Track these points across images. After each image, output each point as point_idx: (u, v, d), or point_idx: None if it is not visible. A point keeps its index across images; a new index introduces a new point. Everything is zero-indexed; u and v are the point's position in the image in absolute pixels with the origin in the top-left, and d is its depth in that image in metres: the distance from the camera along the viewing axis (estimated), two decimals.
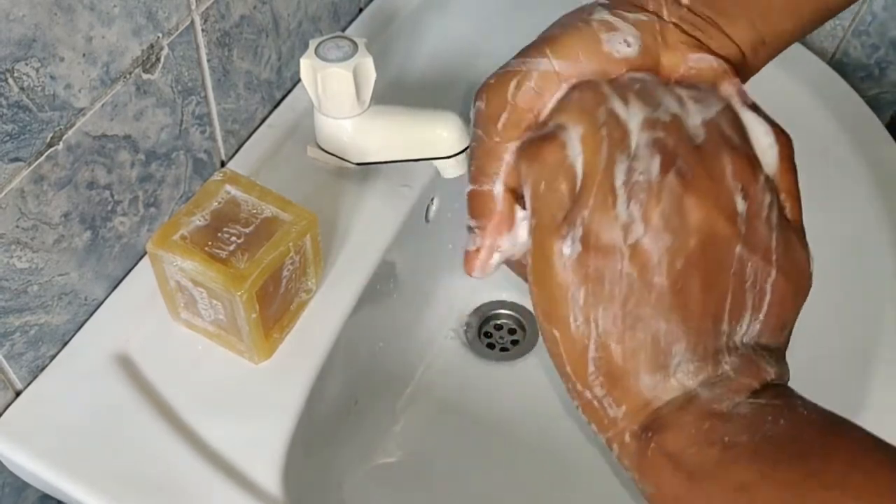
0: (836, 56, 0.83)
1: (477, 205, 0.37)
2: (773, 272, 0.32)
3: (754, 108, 0.34)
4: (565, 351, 0.33)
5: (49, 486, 0.52)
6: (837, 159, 0.73)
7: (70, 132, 0.49)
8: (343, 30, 0.74)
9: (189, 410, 0.53)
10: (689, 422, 0.31)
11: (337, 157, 0.62)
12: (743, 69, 0.37)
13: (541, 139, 0.34)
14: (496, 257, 0.37)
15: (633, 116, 0.33)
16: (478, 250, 0.37)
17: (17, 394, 0.54)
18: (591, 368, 0.32)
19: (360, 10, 0.76)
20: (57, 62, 0.46)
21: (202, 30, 0.56)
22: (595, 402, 0.33)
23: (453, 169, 0.61)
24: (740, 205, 0.32)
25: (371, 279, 0.60)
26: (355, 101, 0.58)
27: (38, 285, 0.51)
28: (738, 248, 0.31)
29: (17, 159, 0.46)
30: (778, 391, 0.32)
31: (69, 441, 0.52)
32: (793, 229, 0.33)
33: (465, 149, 0.60)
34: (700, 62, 0.35)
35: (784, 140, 0.34)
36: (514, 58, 0.37)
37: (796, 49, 0.81)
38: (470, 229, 0.38)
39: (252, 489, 0.50)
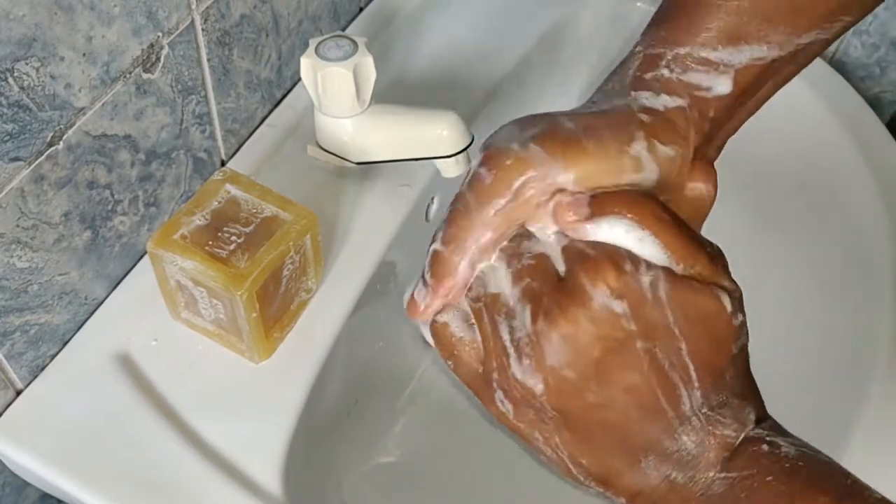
0: (836, 55, 0.83)
1: (438, 267, 0.37)
2: (683, 344, 0.33)
3: (598, 207, 0.34)
4: (553, 466, 0.36)
5: (49, 485, 0.52)
6: (837, 159, 0.73)
7: (70, 132, 0.49)
8: (343, 29, 0.74)
9: (189, 410, 0.53)
10: None
11: (337, 156, 0.62)
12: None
13: (432, 323, 0.37)
14: (441, 315, 0.39)
15: (504, 278, 0.35)
16: (426, 308, 0.38)
17: (18, 393, 0.54)
18: (581, 478, 0.36)
19: (361, 10, 0.76)
20: (57, 62, 0.46)
21: (202, 29, 0.56)
22: (600, 494, 0.36)
23: (453, 168, 0.61)
24: (617, 307, 0.32)
25: (371, 279, 0.60)
26: (355, 100, 0.58)
27: (38, 285, 0.51)
28: (638, 345, 0.32)
29: (17, 159, 0.46)
30: (748, 456, 0.33)
31: (69, 440, 0.52)
32: (692, 286, 0.33)
33: (466, 148, 0.60)
34: (692, 192, 0.38)
35: (646, 214, 0.34)
36: (536, 141, 0.35)
37: None
38: (423, 281, 0.38)
39: (252, 488, 0.50)
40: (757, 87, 0.38)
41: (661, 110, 0.37)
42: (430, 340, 0.39)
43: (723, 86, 0.37)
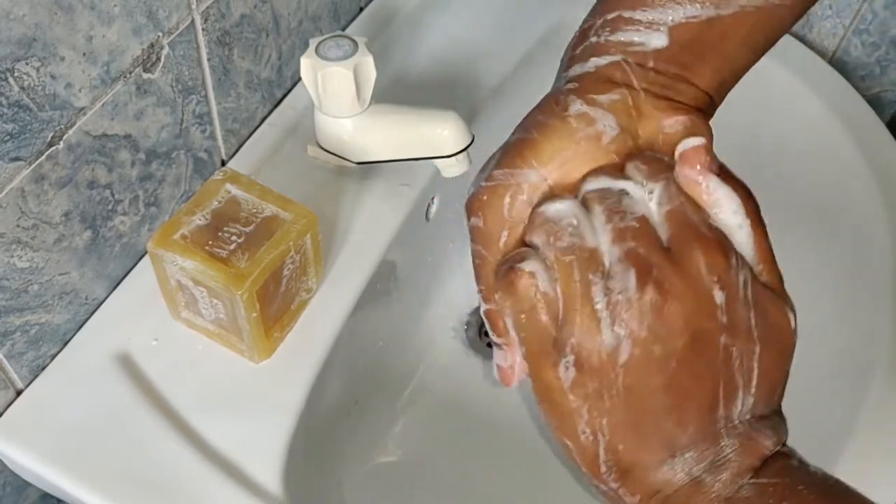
0: (836, 55, 0.83)
1: (497, 324, 0.37)
2: (757, 348, 0.33)
3: (721, 172, 0.34)
4: (578, 456, 0.35)
5: (50, 485, 0.52)
6: (838, 158, 0.73)
7: (70, 131, 0.49)
8: (343, 29, 0.74)
9: (189, 409, 0.53)
10: None
11: (337, 156, 0.62)
12: (710, 111, 0.38)
13: (511, 271, 0.34)
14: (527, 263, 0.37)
15: (602, 232, 0.33)
16: (511, 367, 0.38)
17: (18, 393, 0.54)
18: (604, 469, 0.34)
19: (361, 9, 0.76)
20: (57, 61, 0.46)
21: (202, 29, 0.56)
22: (611, 493, 0.35)
23: (454, 168, 0.61)
24: (718, 297, 0.32)
25: (371, 279, 0.60)
26: (356, 100, 0.58)
27: (38, 285, 0.51)
28: (722, 339, 0.32)
29: (17, 158, 0.46)
30: (778, 467, 0.33)
31: (70, 440, 0.52)
32: (770, 295, 0.34)
33: (466, 148, 0.60)
34: (674, 126, 0.36)
35: (752, 208, 0.34)
36: (497, 167, 0.36)
37: (797, 48, 0.81)
38: (496, 345, 0.38)
39: (252, 488, 0.50)
40: (700, 44, 0.37)
41: (591, 71, 0.37)
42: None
43: (657, 41, 0.37)
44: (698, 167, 0.34)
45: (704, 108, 0.38)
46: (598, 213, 0.34)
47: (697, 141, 0.34)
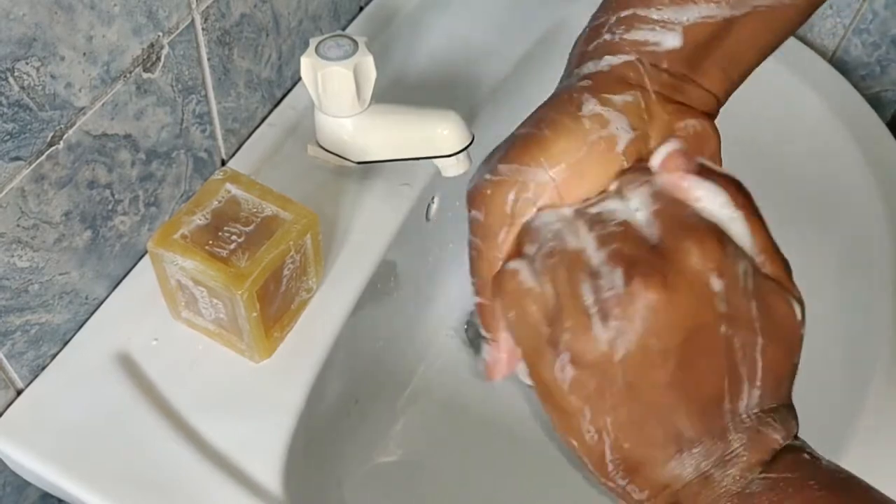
0: (836, 54, 0.83)
1: (487, 318, 0.37)
2: (760, 340, 0.32)
3: (702, 171, 0.34)
4: (585, 456, 0.34)
5: (50, 484, 0.52)
6: (838, 157, 0.73)
7: (70, 131, 0.49)
8: (343, 28, 0.74)
9: (190, 409, 0.53)
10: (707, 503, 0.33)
11: (337, 155, 0.62)
12: (716, 112, 0.38)
13: (499, 272, 0.35)
14: (512, 262, 0.37)
15: (586, 239, 0.33)
16: (496, 362, 0.38)
17: (19, 393, 0.54)
18: (611, 467, 0.34)
19: (361, 9, 0.76)
20: (57, 61, 0.46)
21: (202, 29, 0.56)
22: (619, 490, 0.35)
23: (454, 167, 0.61)
24: (716, 284, 0.31)
25: (371, 278, 0.60)
26: (356, 99, 0.58)
27: (38, 284, 0.51)
28: (722, 328, 0.32)
29: (17, 158, 0.46)
30: (789, 461, 0.33)
31: (70, 440, 0.52)
32: (772, 286, 0.33)
33: (466, 147, 0.60)
34: (684, 130, 0.36)
35: (743, 200, 0.33)
36: (503, 160, 0.35)
37: (797, 47, 0.81)
38: (485, 339, 0.38)
39: (252, 488, 0.50)
40: (715, 45, 0.37)
41: (605, 70, 0.36)
42: (524, 376, 0.37)
43: (672, 41, 0.36)
44: (677, 172, 0.33)
45: (711, 111, 0.38)
46: (580, 226, 0.34)
47: (672, 146, 0.34)
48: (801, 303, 0.34)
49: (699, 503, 0.33)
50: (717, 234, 0.32)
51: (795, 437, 0.34)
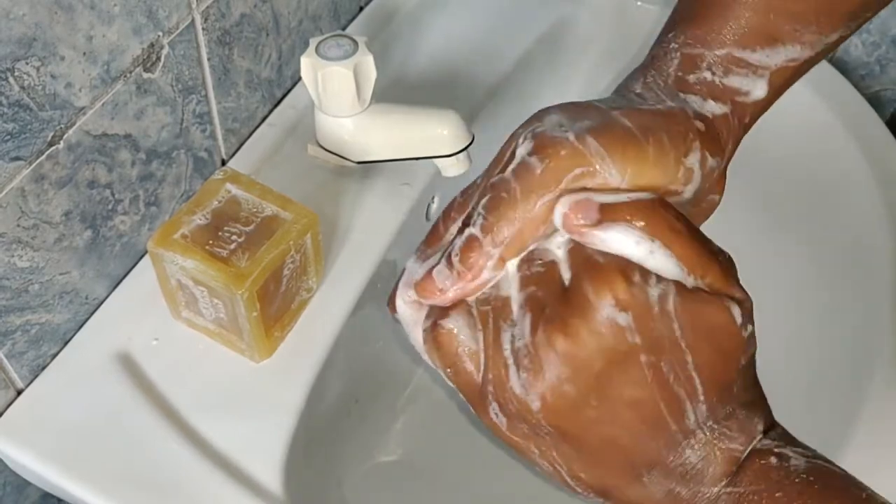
0: (836, 54, 0.83)
1: (472, 254, 0.34)
2: (689, 357, 0.32)
3: (605, 215, 0.32)
4: (553, 479, 0.35)
5: (50, 484, 0.52)
6: (838, 157, 0.73)
7: (71, 131, 0.49)
8: (343, 28, 0.74)
9: (190, 409, 0.53)
10: None
11: (337, 155, 0.62)
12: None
13: (434, 327, 0.35)
14: (447, 320, 0.35)
15: (514, 280, 0.33)
16: (442, 290, 0.35)
17: (19, 393, 0.54)
18: (579, 490, 0.34)
19: (361, 9, 0.76)
20: (57, 61, 0.46)
21: (203, 28, 0.56)
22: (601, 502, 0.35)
23: (454, 167, 0.61)
24: (622, 319, 0.31)
25: (372, 278, 0.60)
26: (356, 99, 0.58)
27: (39, 284, 0.51)
28: (642, 358, 0.31)
29: (17, 158, 0.46)
30: (755, 470, 0.32)
31: (70, 440, 0.52)
32: (703, 297, 0.32)
33: (466, 147, 0.60)
34: (708, 203, 0.37)
35: (658, 227, 0.32)
36: (596, 135, 0.33)
37: None
38: (448, 262, 0.35)
39: (252, 487, 0.50)
40: (785, 88, 0.37)
41: (710, 118, 0.36)
42: (421, 346, 0.36)
43: (760, 90, 0.36)
44: (578, 228, 0.32)
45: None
46: (511, 266, 0.34)
47: (567, 203, 0.33)
48: (742, 301, 0.33)
49: None
50: (620, 269, 0.31)
51: (767, 430, 0.33)
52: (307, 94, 0.60)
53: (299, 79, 0.69)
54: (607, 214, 0.32)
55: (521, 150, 0.34)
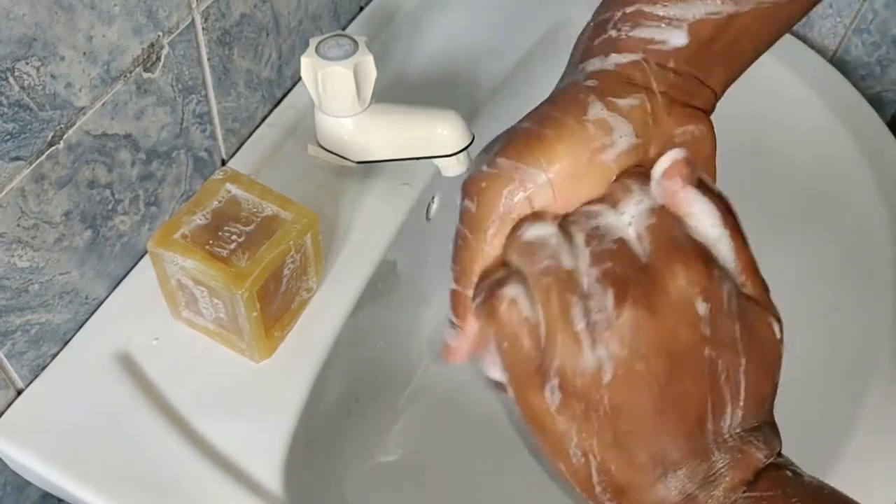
0: (837, 54, 0.83)
1: (459, 306, 0.37)
2: (743, 361, 0.32)
3: (701, 185, 0.34)
4: (572, 478, 0.34)
5: (50, 484, 0.52)
6: (838, 157, 0.73)
7: (71, 131, 0.49)
8: (343, 28, 0.74)
9: (190, 409, 0.53)
10: None
11: (337, 155, 0.62)
12: (713, 109, 0.38)
13: (492, 296, 0.34)
14: (508, 288, 0.36)
15: (581, 256, 0.33)
16: (458, 349, 0.38)
17: (19, 393, 0.54)
18: (598, 489, 0.34)
19: (361, 9, 0.76)
20: (57, 61, 0.46)
21: (203, 28, 0.56)
22: None
23: (454, 167, 0.61)
24: (701, 308, 0.31)
25: (372, 278, 0.60)
26: (356, 99, 0.58)
27: (39, 284, 0.51)
28: (706, 351, 0.32)
29: (17, 158, 0.46)
30: (772, 479, 0.33)
31: (70, 440, 0.52)
32: (753, 307, 0.33)
33: (466, 147, 0.60)
34: (682, 136, 0.36)
35: (731, 220, 0.33)
36: (501, 154, 0.35)
37: (797, 47, 0.81)
38: (451, 324, 0.38)
39: (252, 487, 0.50)
40: (724, 38, 0.37)
41: (611, 69, 0.36)
42: (490, 370, 0.37)
43: (678, 38, 0.36)
44: (678, 180, 0.33)
45: (711, 108, 0.38)
46: (578, 238, 0.33)
47: (677, 154, 0.34)
48: (780, 322, 0.34)
49: None
50: (704, 257, 0.32)
51: (779, 454, 0.34)
52: (307, 94, 0.60)
53: (299, 79, 0.69)
54: (702, 186, 0.33)
55: (459, 201, 0.37)
